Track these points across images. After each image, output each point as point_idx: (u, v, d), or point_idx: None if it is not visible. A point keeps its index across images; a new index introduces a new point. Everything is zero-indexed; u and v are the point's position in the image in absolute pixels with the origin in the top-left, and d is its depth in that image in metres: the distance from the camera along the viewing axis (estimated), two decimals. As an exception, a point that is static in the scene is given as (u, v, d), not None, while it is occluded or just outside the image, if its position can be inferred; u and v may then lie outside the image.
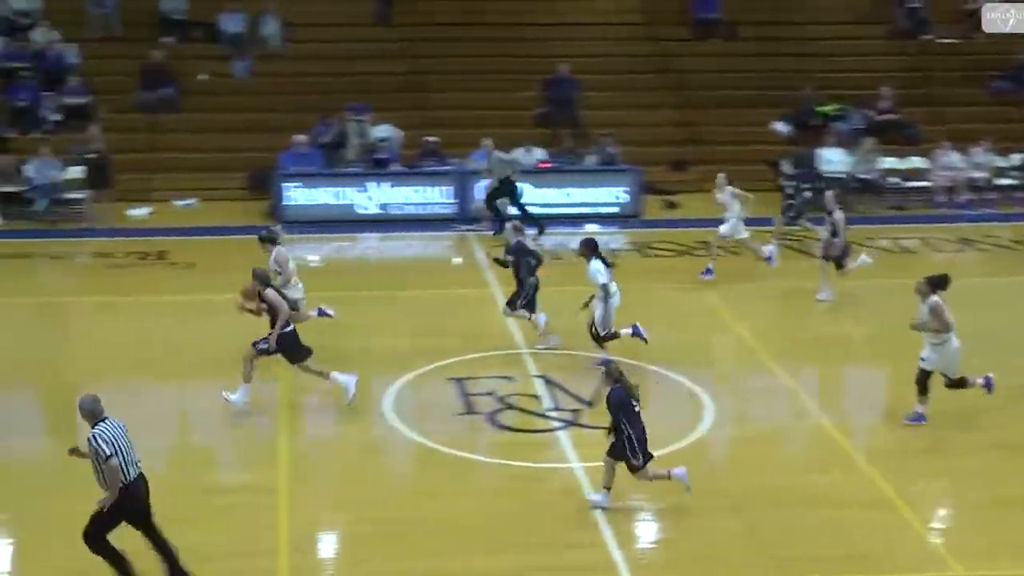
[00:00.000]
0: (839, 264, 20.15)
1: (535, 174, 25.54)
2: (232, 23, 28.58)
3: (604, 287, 16.85)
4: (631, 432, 12.88)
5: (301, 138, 25.35)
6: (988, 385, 15.51)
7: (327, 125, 25.95)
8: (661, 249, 23.29)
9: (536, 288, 17.69)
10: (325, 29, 29.36)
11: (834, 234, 19.96)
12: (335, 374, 15.75)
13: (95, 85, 27.00)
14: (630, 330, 17.07)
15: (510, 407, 16.07)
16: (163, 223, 24.20)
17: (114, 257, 22.13)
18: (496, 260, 18.38)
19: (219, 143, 26.72)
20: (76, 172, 24.39)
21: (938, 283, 15.26)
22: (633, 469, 13.07)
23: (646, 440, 12.96)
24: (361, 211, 24.89)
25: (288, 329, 15.54)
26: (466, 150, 25.86)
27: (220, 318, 19.08)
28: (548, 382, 16.79)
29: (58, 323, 19.76)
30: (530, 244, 18.41)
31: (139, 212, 24.81)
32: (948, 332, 15.10)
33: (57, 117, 26.25)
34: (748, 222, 21.21)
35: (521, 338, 18.31)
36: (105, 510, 11.31)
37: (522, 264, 17.68)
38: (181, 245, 22.77)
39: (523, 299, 17.73)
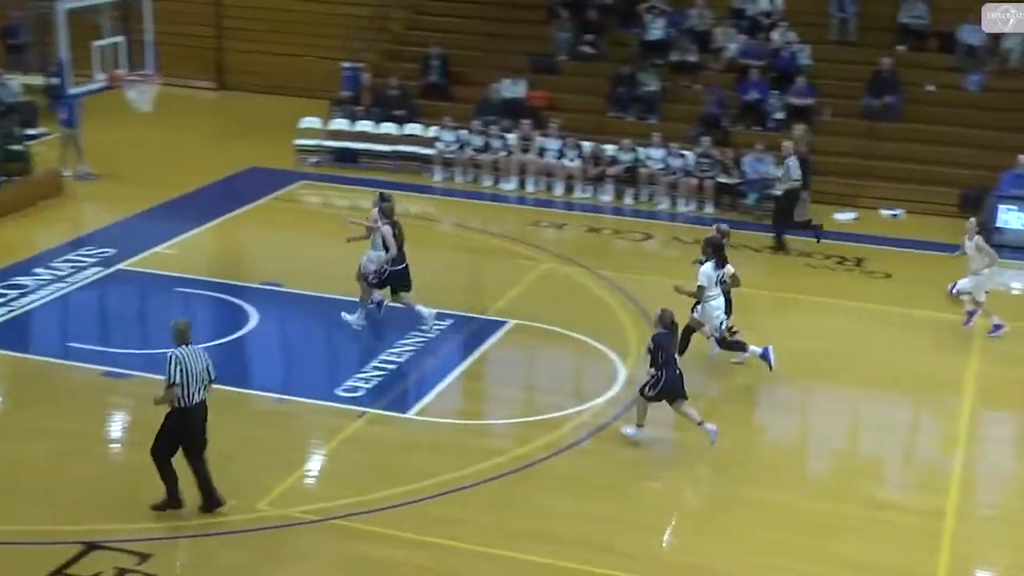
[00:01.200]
0: None
1: None
2: (973, 35, 27.62)
3: (700, 288, 16.31)
4: (665, 375, 14.23)
5: (1025, 159, 24.03)
6: None
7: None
8: None
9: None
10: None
11: None
12: (420, 307, 17.51)
13: (821, 87, 27.27)
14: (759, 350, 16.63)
15: None
16: (866, 230, 23.97)
17: (812, 257, 22.24)
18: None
19: (935, 156, 26.02)
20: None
21: None
22: (641, 393, 14.48)
23: (678, 386, 14.34)
24: (1080, 243, 23.18)
25: (399, 267, 17.30)
26: None
27: (906, 331, 18.68)
28: None
29: (746, 313, 20.16)
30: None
31: (845, 216, 24.74)
32: None
33: (780, 115, 26.81)
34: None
35: None
36: (163, 427, 12.39)
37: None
38: (881, 255, 22.40)
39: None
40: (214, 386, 12.62)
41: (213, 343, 17.40)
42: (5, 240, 21.25)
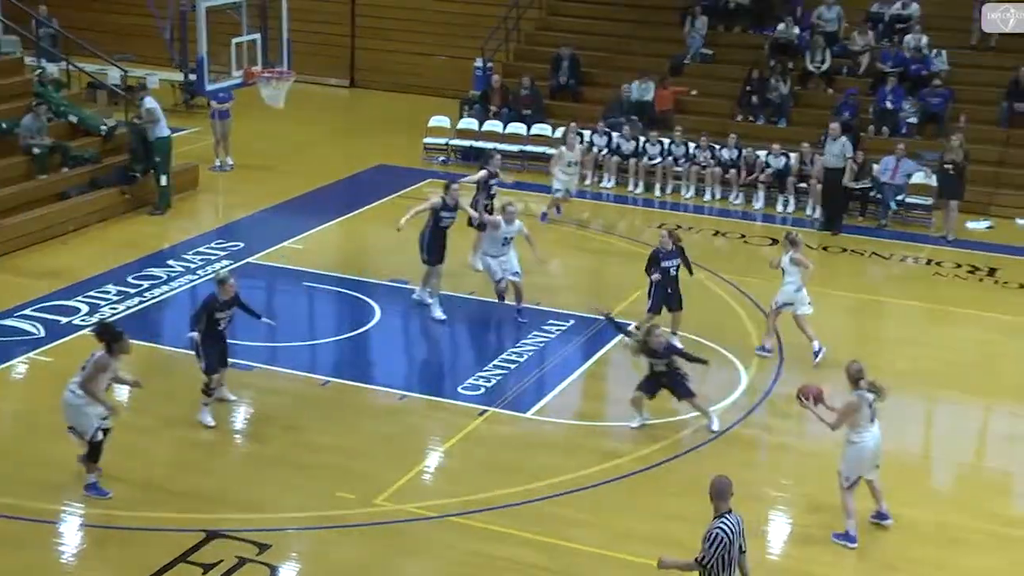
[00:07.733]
0: None
1: None
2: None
3: None
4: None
5: None
6: None
7: None
8: None
9: None
10: None
11: None
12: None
13: (958, 93, 26.63)
14: None
15: None
16: (1000, 239, 23.40)
17: (942, 266, 21.80)
18: None
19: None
20: (920, 178, 24.33)
21: None
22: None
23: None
24: None
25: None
26: None
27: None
28: None
29: (872, 321, 19.92)
30: None
31: (978, 225, 24.15)
32: None
33: (913, 120, 26.28)
34: None
35: None
36: None
37: None
38: (1015, 264, 21.86)
39: None
40: (336, 380, 12.69)
41: (338, 338, 17.74)
42: (141, 232, 21.78)
